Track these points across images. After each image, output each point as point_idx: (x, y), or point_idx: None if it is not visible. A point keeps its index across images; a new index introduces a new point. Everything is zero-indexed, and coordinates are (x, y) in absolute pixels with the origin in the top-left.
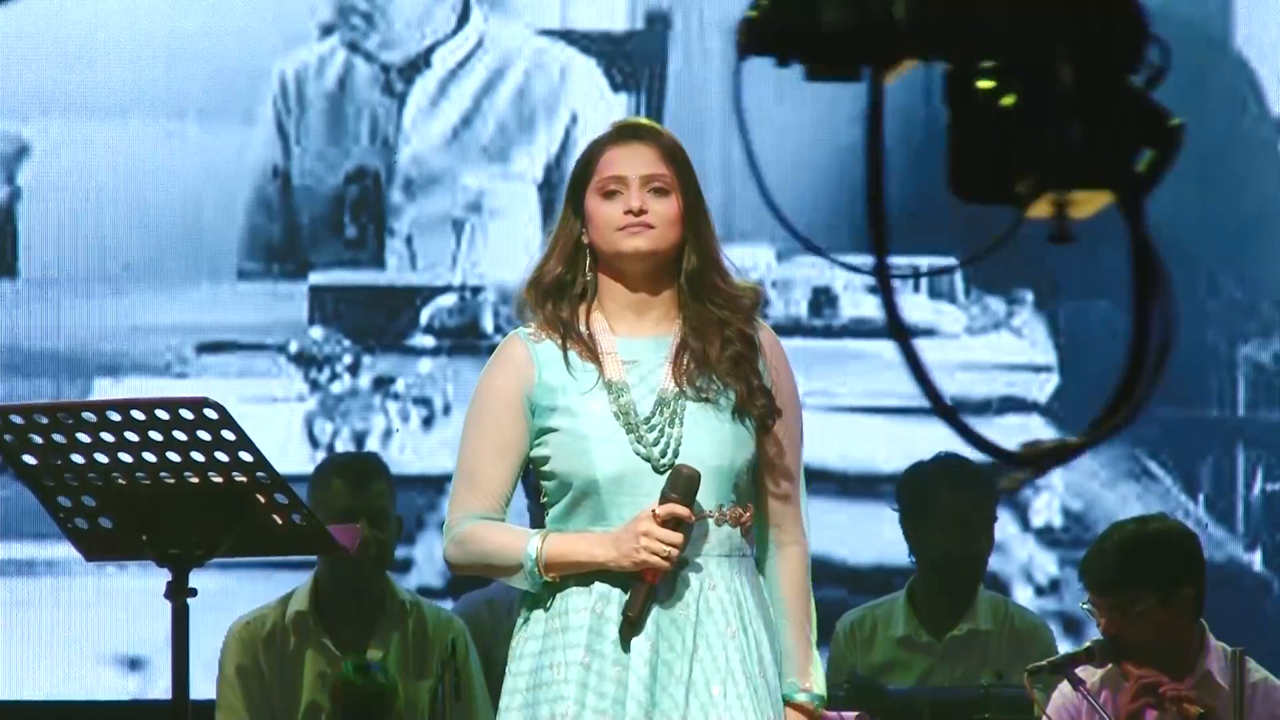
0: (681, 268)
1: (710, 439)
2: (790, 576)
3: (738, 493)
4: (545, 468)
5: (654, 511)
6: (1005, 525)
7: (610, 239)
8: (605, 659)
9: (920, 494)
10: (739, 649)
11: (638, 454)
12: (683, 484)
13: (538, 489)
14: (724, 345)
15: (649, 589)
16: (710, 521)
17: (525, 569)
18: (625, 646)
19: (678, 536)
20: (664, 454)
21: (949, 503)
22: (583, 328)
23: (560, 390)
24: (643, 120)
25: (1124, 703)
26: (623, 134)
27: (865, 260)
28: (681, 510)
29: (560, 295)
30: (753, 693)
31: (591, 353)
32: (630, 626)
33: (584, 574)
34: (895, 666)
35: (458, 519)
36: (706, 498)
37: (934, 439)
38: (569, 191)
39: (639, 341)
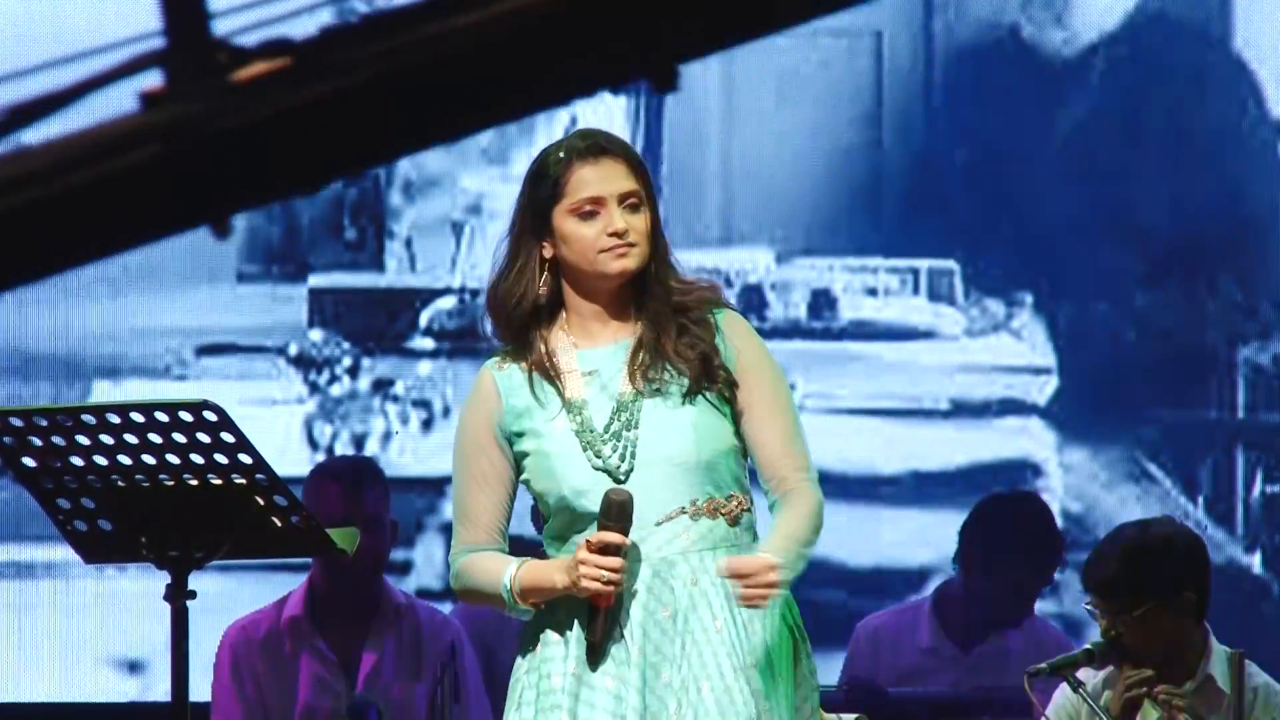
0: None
1: (670, 434)
2: (788, 506)
3: (716, 483)
4: (532, 490)
5: (588, 541)
6: None
7: (593, 260)
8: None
9: (986, 542)
10: (726, 641)
11: (596, 468)
12: (615, 510)
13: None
14: (679, 331)
15: (604, 613)
16: (685, 518)
17: (505, 600)
18: (598, 661)
19: (615, 562)
20: (622, 460)
21: (1012, 564)
22: (546, 346)
23: (526, 414)
24: (602, 131)
25: (1116, 697)
26: (591, 150)
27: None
28: (610, 537)
29: (528, 317)
30: (742, 684)
31: (555, 372)
32: (594, 652)
33: (568, 598)
34: (918, 676)
35: (455, 554)
36: (677, 494)
37: (933, 441)
38: (531, 208)
39: (600, 350)
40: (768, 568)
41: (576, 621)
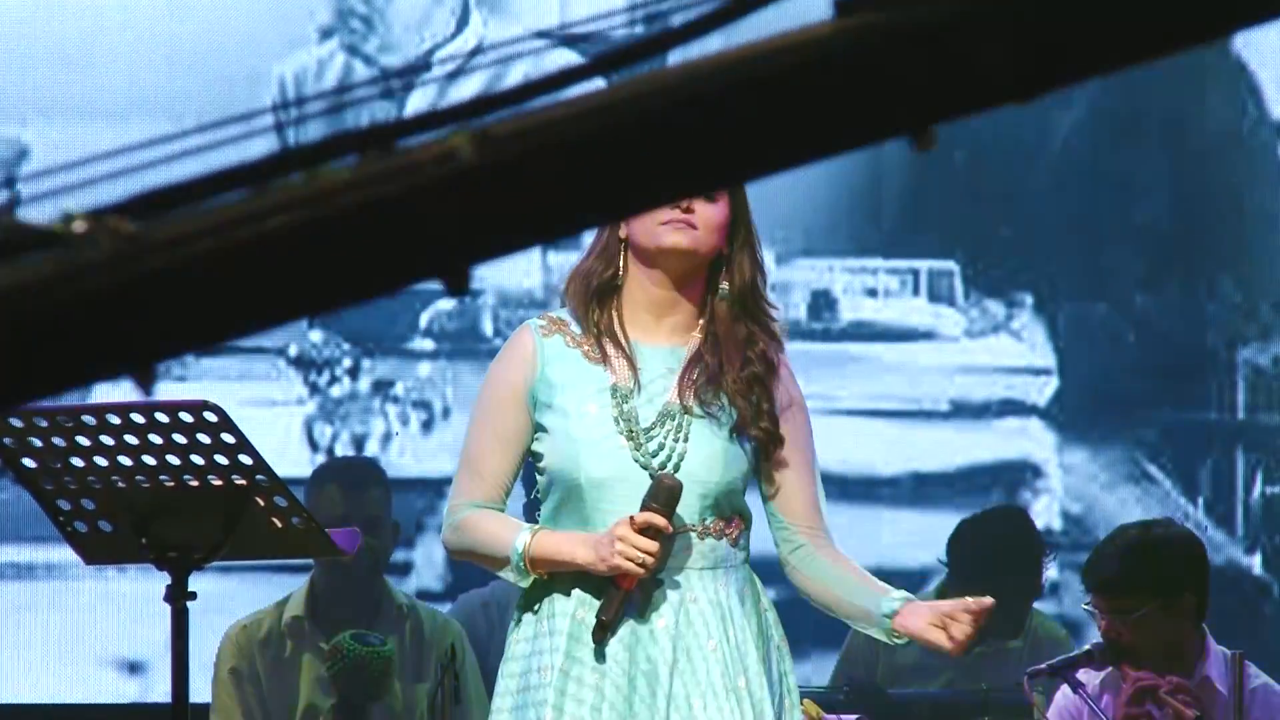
0: (729, 280)
1: (707, 455)
2: (843, 556)
3: (724, 507)
4: (539, 464)
5: (632, 518)
6: None
7: (651, 232)
8: (584, 666)
9: (970, 564)
10: (720, 661)
11: (636, 461)
12: (664, 494)
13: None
14: (744, 364)
15: (623, 595)
16: (693, 535)
17: (512, 562)
18: (600, 653)
19: (653, 545)
20: (663, 466)
21: (999, 582)
22: (601, 329)
23: (560, 388)
24: None
25: (1120, 705)
26: None
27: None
28: (659, 520)
29: (600, 294)
30: (734, 705)
31: (602, 354)
32: (603, 630)
33: (568, 578)
34: (918, 673)
35: (458, 505)
36: (691, 512)
37: (933, 442)
38: None
39: (649, 349)
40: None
41: (568, 611)
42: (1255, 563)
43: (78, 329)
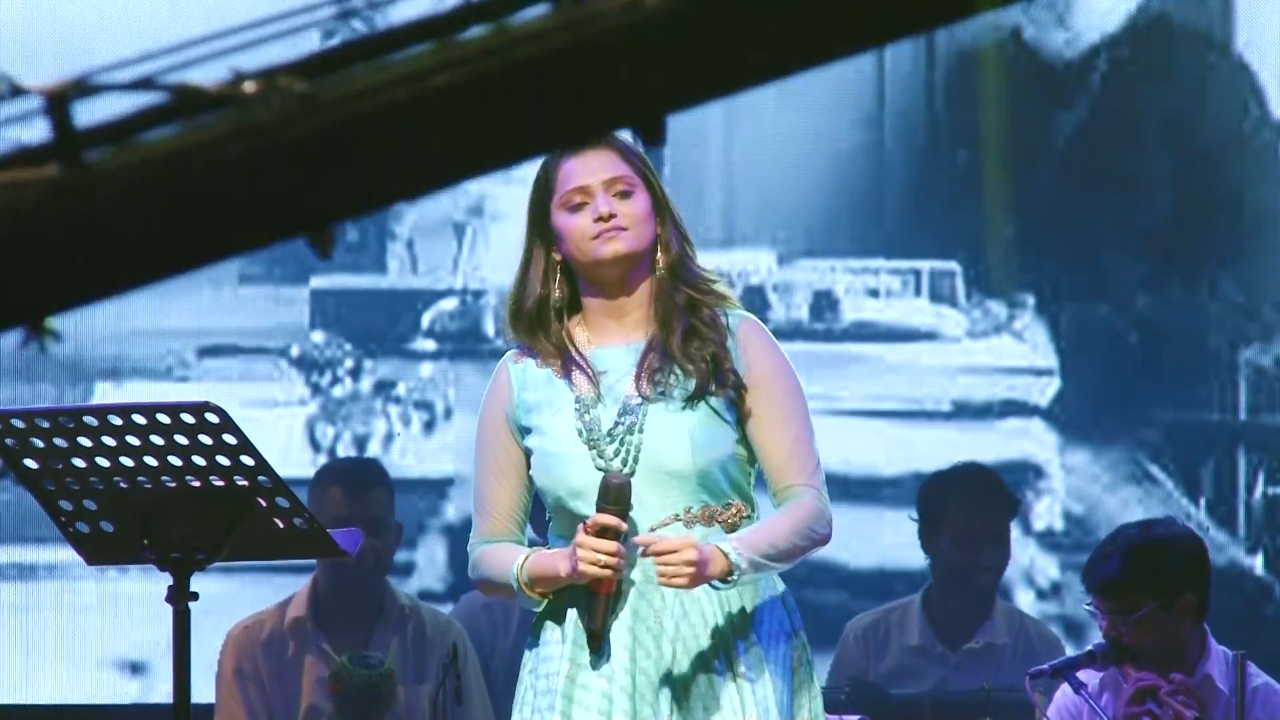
0: (658, 262)
1: (671, 441)
2: (781, 509)
3: (712, 491)
4: (536, 486)
5: (584, 524)
6: None
7: (586, 249)
8: (587, 670)
9: (933, 504)
10: (717, 649)
11: (599, 468)
12: (612, 493)
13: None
14: (690, 332)
15: (604, 600)
16: (679, 525)
17: (516, 590)
18: (603, 657)
19: (610, 545)
20: (624, 464)
21: (958, 515)
22: (561, 344)
23: (536, 409)
24: None
25: (1121, 705)
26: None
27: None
28: (607, 519)
29: (543, 318)
30: (732, 692)
31: (565, 369)
32: (595, 639)
33: (572, 592)
34: (907, 675)
35: (473, 544)
36: (670, 500)
37: (934, 442)
38: (532, 214)
39: (612, 350)
40: (687, 546)
41: (572, 618)
42: (1257, 563)
43: (250, 189)
